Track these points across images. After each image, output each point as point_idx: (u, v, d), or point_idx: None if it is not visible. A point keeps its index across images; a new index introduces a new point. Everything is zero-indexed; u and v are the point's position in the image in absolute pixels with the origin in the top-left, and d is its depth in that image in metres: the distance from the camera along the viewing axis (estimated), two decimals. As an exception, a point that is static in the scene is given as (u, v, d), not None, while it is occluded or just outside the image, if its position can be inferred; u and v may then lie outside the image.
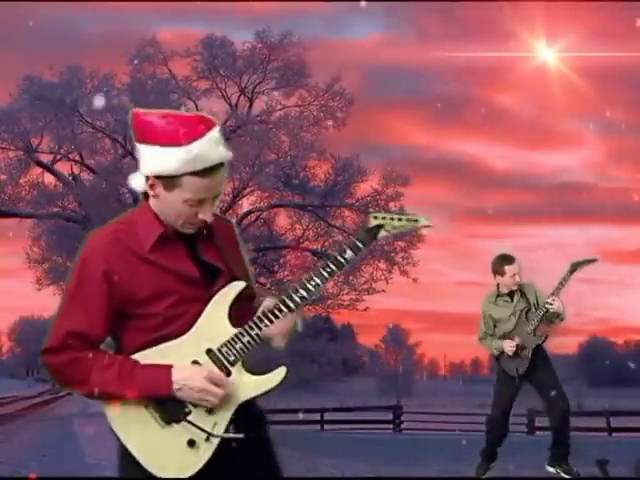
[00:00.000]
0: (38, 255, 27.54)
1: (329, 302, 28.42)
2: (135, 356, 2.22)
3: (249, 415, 2.31)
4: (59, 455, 10.16)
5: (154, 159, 2.21)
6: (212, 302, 2.27)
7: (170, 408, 2.21)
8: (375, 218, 2.36)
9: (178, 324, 2.24)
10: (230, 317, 2.28)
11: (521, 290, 6.38)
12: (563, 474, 6.21)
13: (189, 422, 2.21)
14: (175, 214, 2.24)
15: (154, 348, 2.22)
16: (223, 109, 27.35)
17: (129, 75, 26.87)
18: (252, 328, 2.28)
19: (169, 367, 2.20)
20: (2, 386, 51.99)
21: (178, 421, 2.21)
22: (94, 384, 2.20)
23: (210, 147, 2.22)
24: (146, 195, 2.30)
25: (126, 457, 2.24)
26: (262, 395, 2.30)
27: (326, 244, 28.09)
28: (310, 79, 27.16)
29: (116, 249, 2.22)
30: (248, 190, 27.08)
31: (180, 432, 2.21)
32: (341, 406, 28.89)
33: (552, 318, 6.22)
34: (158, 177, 2.22)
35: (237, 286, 2.30)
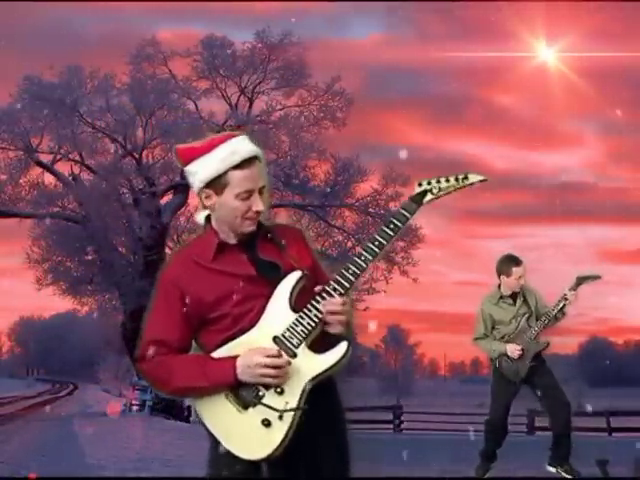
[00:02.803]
0: (38, 255, 27.51)
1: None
2: (214, 353, 2.49)
3: (322, 400, 2.49)
4: (59, 455, 10.16)
5: (200, 170, 2.52)
6: (274, 294, 2.48)
7: (244, 394, 2.44)
8: (420, 184, 2.50)
9: (247, 320, 2.49)
10: (295, 306, 2.47)
11: (523, 294, 6.35)
12: (564, 474, 6.20)
13: (262, 404, 2.42)
14: (232, 213, 2.51)
15: (227, 345, 2.48)
16: (223, 109, 27.37)
17: (129, 75, 26.88)
18: (310, 310, 2.46)
19: (235, 357, 2.45)
20: (2, 386, 52.02)
21: (254, 405, 2.44)
22: (176, 381, 2.48)
23: (242, 144, 2.54)
24: (208, 220, 2.60)
25: (216, 447, 2.49)
26: (329, 371, 2.44)
27: (326, 244, 28.08)
28: (310, 79, 27.17)
29: (187, 265, 2.55)
30: (248, 190, 27.06)
31: (256, 414, 2.43)
32: (341, 406, 28.83)
33: (557, 319, 6.23)
34: (209, 186, 2.51)
35: (295, 275, 2.49)
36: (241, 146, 2.53)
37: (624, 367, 75.41)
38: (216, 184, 2.50)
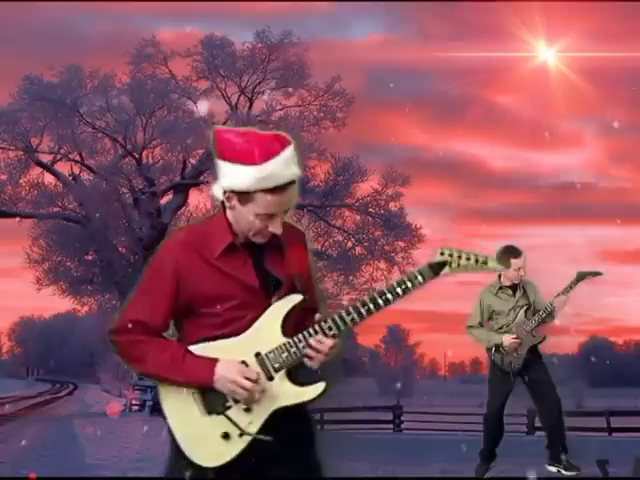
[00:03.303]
0: (38, 255, 27.53)
1: (329, 302, 28.42)
2: (191, 347, 2.44)
3: (294, 416, 2.46)
4: (59, 455, 10.15)
5: (230, 175, 2.40)
6: (269, 310, 2.44)
7: (212, 399, 2.41)
8: (442, 254, 2.40)
9: (236, 326, 2.43)
10: (284, 327, 2.44)
11: (523, 286, 6.34)
12: (564, 471, 6.20)
13: (227, 416, 2.39)
14: (247, 226, 2.43)
15: (209, 343, 2.43)
16: (223, 109, 27.40)
17: (129, 75, 26.88)
18: (300, 341, 2.42)
19: (216, 360, 2.40)
20: (2, 386, 52.02)
21: (218, 413, 2.40)
22: (149, 365, 2.44)
23: (283, 166, 2.40)
24: (223, 205, 2.48)
25: (178, 454, 2.45)
26: (300, 405, 2.43)
27: (326, 244, 28.10)
28: (310, 79, 27.19)
29: (188, 251, 2.45)
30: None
31: (218, 423, 2.40)
32: (341, 406, 28.86)
33: (546, 318, 6.22)
34: (233, 191, 2.41)
35: (293, 299, 2.44)
36: (280, 170, 2.38)
37: (624, 367, 75.44)
38: (241, 195, 2.40)
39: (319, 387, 2.43)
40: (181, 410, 2.43)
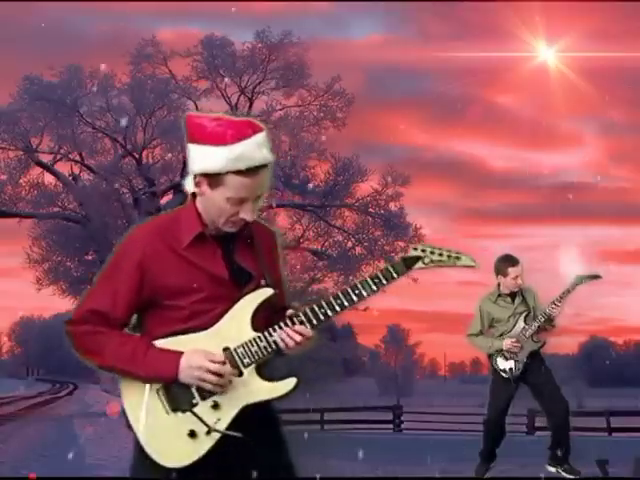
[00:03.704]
0: (38, 255, 27.54)
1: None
2: (155, 342, 2.34)
3: (262, 416, 2.40)
4: (59, 455, 10.15)
5: (202, 158, 2.34)
6: (238, 304, 2.36)
7: (178, 395, 2.31)
8: (415, 249, 2.41)
9: (204, 319, 2.34)
10: (254, 321, 2.36)
11: (522, 293, 6.37)
12: (564, 473, 6.20)
13: (193, 413, 2.29)
14: (218, 212, 2.35)
15: (174, 338, 2.34)
16: (223, 109, 27.35)
17: (129, 75, 26.88)
18: (271, 335, 2.35)
19: (180, 353, 2.31)
20: (2, 386, 51.99)
21: (184, 410, 2.30)
22: (108, 357, 2.34)
23: (255, 149, 2.33)
24: (194, 195, 2.42)
25: (142, 457, 2.35)
26: (269, 401, 2.36)
27: (326, 244, 28.10)
28: (310, 79, 27.19)
29: (155, 242, 2.36)
30: (248, 190, 27.08)
31: (183, 421, 2.30)
32: (341, 406, 28.86)
33: (546, 324, 6.23)
34: (204, 175, 2.34)
35: (265, 292, 2.38)
36: (251, 151, 2.31)
37: (624, 367, 75.43)
38: (212, 179, 2.33)
39: (290, 382, 2.35)
40: (143, 407, 2.31)
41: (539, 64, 35.00)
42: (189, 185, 2.40)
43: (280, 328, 2.35)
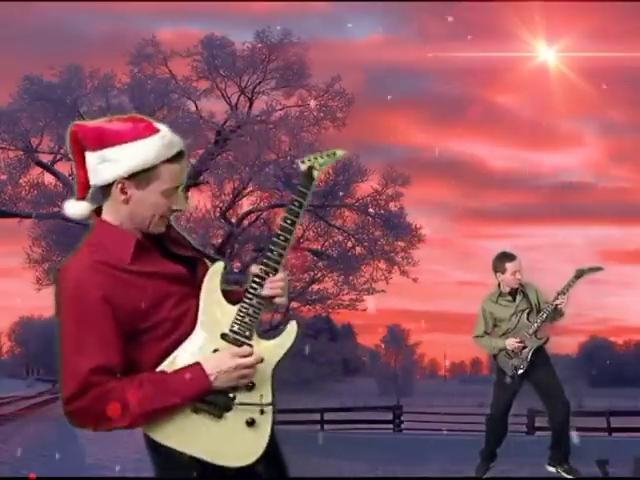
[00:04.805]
0: (38, 255, 27.55)
1: (329, 302, 28.42)
2: (159, 368, 2.21)
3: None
4: (59, 455, 10.15)
5: (127, 157, 2.20)
6: (203, 290, 2.30)
7: (217, 400, 2.24)
8: (303, 162, 2.50)
9: (187, 322, 2.25)
10: (225, 296, 2.32)
11: (523, 290, 6.37)
12: (564, 474, 6.20)
13: (240, 403, 2.26)
14: (150, 211, 2.24)
15: (172, 355, 2.23)
16: (223, 109, 27.37)
17: (129, 75, 26.88)
18: (251, 298, 2.33)
19: (198, 363, 2.20)
20: (2, 386, 51.99)
21: (229, 408, 2.25)
22: (134, 408, 2.14)
23: (172, 134, 2.27)
24: (97, 213, 2.28)
25: (173, 462, 2.22)
26: (286, 354, 2.35)
27: (326, 244, 28.10)
28: (310, 79, 27.19)
29: (101, 271, 2.17)
30: (248, 190, 27.09)
31: (235, 417, 2.25)
32: (341, 406, 28.87)
33: (554, 316, 6.23)
34: (130, 177, 2.20)
35: (219, 266, 2.35)
36: (172, 136, 2.25)
37: (624, 367, 75.43)
38: (141, 177, 2.19)
39: (293, 327, 2.35)
40: (192, 432, 2.21)
41: (539, 64, 34.96)
42: (81, 208, 2.28)
43: (255, 288, 2.34)
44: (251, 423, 2.25)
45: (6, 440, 12.94)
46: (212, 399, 2.24)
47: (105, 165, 2.21)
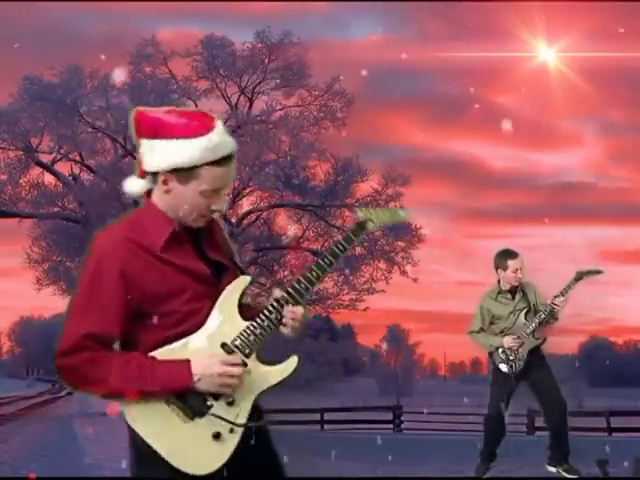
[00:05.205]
0: (38, 255, 27.54)
1: (329, 302, 28.42)
2: (152, 354, 2.25)
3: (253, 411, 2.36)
4: (59, 455, 10.15)
5: (171, 152, 2.26)
6: (221, 298, 2.33)
7: (193, 403, 2.25)
8: (361, 211, 2.56)
9: (195, 320, 2.29)
10: (241, 310, 2.35)
11: (522, 289, 6.36)
12: (564, 473, 6.20)
13: (213, 415, 2.25)
14: (190, 207, 2.29)
15: (170, 346, 2.26)
16: (223, 109, 27.36)
17: (129, 75, 26.88)
18: (263, 320, 2.34)
19: (187, 360, 2.24)
20: (2, 386, 51.98)
21: (202, 415, 2.25)
22: (114, 382, 2.21)
23: (224, 136, 2.31)
24: (148, 194, 2.36)
25: (143, 457, 2.28)
26: (277, 384, 2.37)
27: (326, 244, 28.06)
28: (310, 79, 27.20)
29: (130, 249, 2.26)
30: (248, 190, 27.11)
31: (204, 426, 2.25)
32: (341, 406, 28.86)
33: (548, 319, 6.22)
34: (172, 171, 2.27)
35: (244, 280, 2.38)
36: (224, 139, 2.29)
37: (624, 367, 75.42)
38: (182, 174, 2.26)
39: (293, 361, 2.36)
40: (159, 424, 2.23)
41: (539, 64, 34.98)
42: (139, 186, 2.38)
43: (270, 312, 2.35)
44: (217, 437, 2.24)
45: (6, 440, 12.93)
46: (189, 401, 2.24)
47: (153, 155, 2.30)
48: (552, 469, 6.28)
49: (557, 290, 6.22)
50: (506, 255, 6.28)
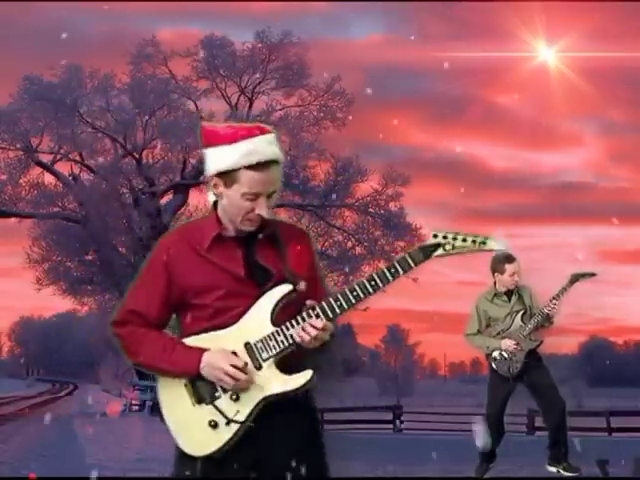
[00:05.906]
0: (38, 255, 27.54)
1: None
2: (185, 340, 2.51)
3: (294, 407, 2.48)
4: (59, 455, 10.15)
5: (215, 158, 2.49)
6: (259, 300, 2.46)
7: (202, 389, 2.46)
8: (435, 236, 2.37)
9: (228, 316, 2.47)
10: (275, 316, 2.45)
11: (518, 292, 6.37)
12: (564, 472, 6.20)
13: (214, 405, 2.43)
14: (235, 209, 2.47)
15: (201, 335, 2.49)
16: (223, 109, 27.41)
17: (129, 75, 26.89)
18: (288, 328, 2.44)
19: (204, 350, 2.46)
20: (2, 386, 52.01)
21: (207, 402, 2.45)
22: (144, 356, 2.52)
23: (265, 145, 2.47)
24: (215, 205, 2.56)
25: (180, 456, 2.51)
26: (287, 394, 2.44)
27: (326, 244, 28.10)
28: (310, 79, 27.21)
29: (179, 245, 2.54)
30: (248, 190, 27.11)
31: (206, 412, 2.45)
32: (341, 406, 28.86)
33: (543, 322, 6.23)
34: (219, 175, 2.47)
35: (283, 288, 2.46)
36: (262, 147, 2.46)
37: (624, 367, 75.48)
38: (226, 177, 2.46)
39: (306, 375, 2.44)
40: (174, 400, 2.48)
41: (539, 64, 35.07)
42: (212, 197, 2.56)
43: (297, 322, 2.42)
44: (214, 425, 2.43)
45: (6, 440, 12.92)
46: (199, 386, 2.46)
47: (207, 162, 2.53)
48: (552, 469, 6.29)
49: (554, 292, 6.24)
50: (503, 259, 6.29)
